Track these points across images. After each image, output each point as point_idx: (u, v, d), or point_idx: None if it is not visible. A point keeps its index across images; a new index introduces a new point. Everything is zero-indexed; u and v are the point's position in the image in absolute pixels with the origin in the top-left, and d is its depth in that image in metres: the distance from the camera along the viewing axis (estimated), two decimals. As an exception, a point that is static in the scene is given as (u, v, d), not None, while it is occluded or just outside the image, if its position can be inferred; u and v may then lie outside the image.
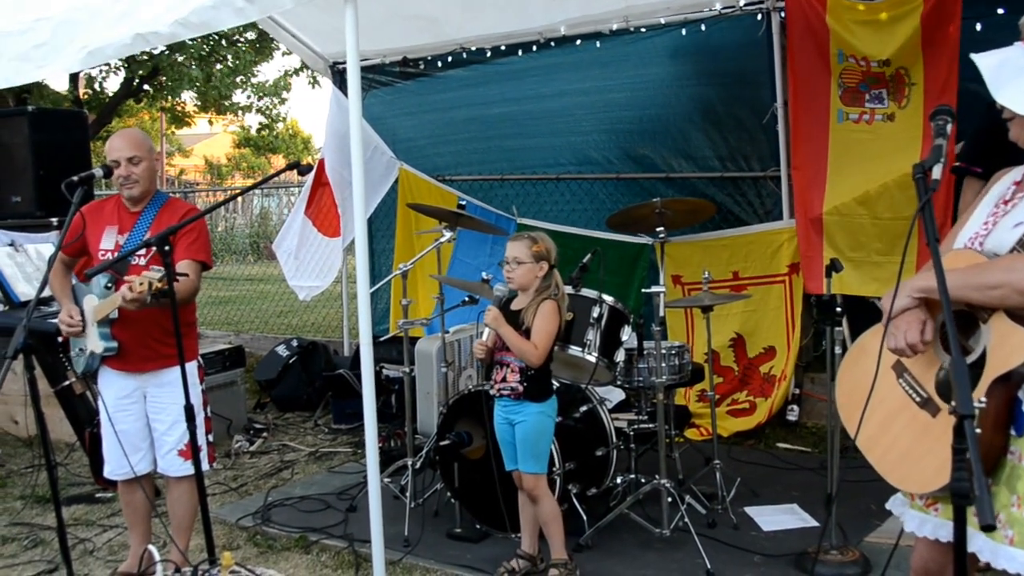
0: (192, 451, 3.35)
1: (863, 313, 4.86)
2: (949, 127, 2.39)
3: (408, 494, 4.61)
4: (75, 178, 3.54)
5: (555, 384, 3.97)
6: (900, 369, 2.48)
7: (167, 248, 3.17)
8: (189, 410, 3.30)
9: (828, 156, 5.47)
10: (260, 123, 17.84)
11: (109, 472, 3.94)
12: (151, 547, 3.48)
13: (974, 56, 2.35)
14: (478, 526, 4.41)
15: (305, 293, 6.88)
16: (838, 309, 3.84)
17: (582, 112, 6.76)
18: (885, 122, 5.27)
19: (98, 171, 3.67)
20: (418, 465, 4.82)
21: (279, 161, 30.83)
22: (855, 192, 5.39)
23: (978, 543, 2.23)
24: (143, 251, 3.65)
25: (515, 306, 3.87)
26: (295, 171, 3.89)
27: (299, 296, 6.94)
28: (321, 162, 6.61)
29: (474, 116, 7.18)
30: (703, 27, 6.03)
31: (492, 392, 3.95)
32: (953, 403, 1.87)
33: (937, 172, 2.23)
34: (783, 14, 5.65)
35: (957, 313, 2.34)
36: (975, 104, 3.14)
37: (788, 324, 6.03)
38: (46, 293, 3.48)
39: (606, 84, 6.57)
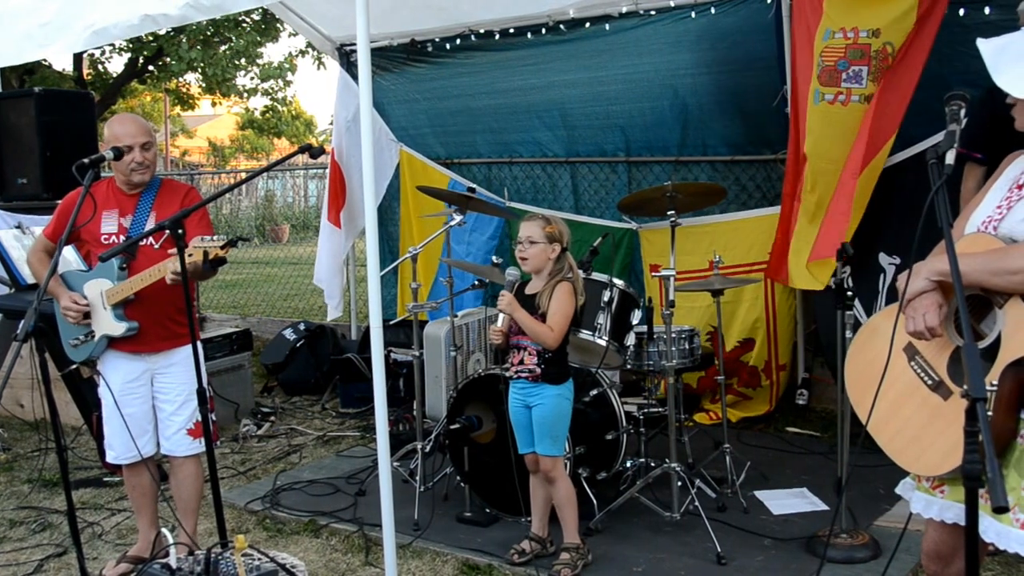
0: (204, 432, 3.35)
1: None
2: (963, 112, 2.38)
3: (417, 478, 4.62)
4: (85, 160, 3.51)
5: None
6: (911, 352, 2.47)
7: (180, 232, 3.16)
8: (202, 393, 3.29)
9: (804, 139, 5.15)
10: (265, 106, 17.72)
11: (114, 458, 3.93)
12: (164, 530, 3.48)
13: (979, 41, 2.34)
14: (488, 510, 4.42)
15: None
16: (848, 293, 3.83)
17: (581, 102, 6.66)
18: (862, 103, 4.95)
19: (109, 153, 3.62)
20: (427, 449, 4.83)
21: (283, 143, 30.68)
22: (824, 179, 5.09)
23: (986, 525, 2.24)
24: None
25: (529, 290, 3.86)
26: (304, 154, 3.84)
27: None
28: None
29: (474, 105, 7.10)
30: (712, 10, 5.99)
31: (509, 375, 3.95)
32: (965, 386, 1.87)
33: (950, 157, 2.23)
34: (791, -3, 5.56)
35: (971, 297, 2.34)
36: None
37: (768, 313, 5.89)
38: (33, 281, 3.44)
39: (607, 74, 6.47)
